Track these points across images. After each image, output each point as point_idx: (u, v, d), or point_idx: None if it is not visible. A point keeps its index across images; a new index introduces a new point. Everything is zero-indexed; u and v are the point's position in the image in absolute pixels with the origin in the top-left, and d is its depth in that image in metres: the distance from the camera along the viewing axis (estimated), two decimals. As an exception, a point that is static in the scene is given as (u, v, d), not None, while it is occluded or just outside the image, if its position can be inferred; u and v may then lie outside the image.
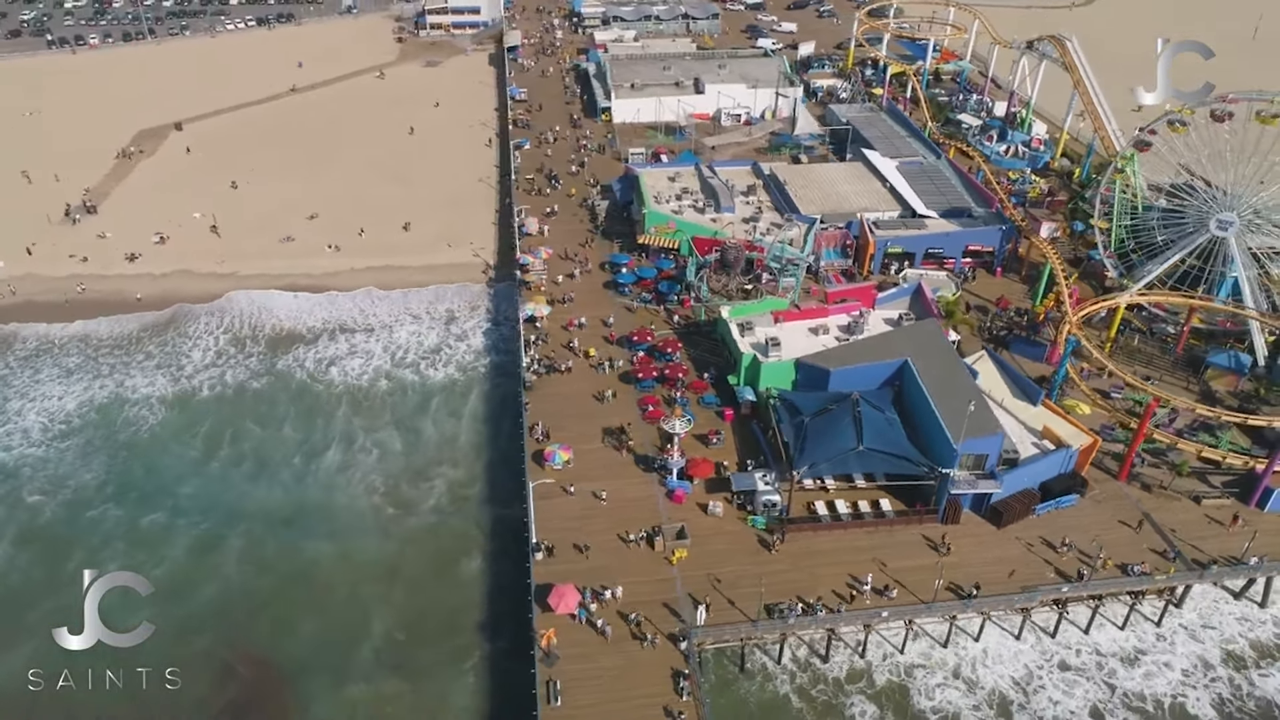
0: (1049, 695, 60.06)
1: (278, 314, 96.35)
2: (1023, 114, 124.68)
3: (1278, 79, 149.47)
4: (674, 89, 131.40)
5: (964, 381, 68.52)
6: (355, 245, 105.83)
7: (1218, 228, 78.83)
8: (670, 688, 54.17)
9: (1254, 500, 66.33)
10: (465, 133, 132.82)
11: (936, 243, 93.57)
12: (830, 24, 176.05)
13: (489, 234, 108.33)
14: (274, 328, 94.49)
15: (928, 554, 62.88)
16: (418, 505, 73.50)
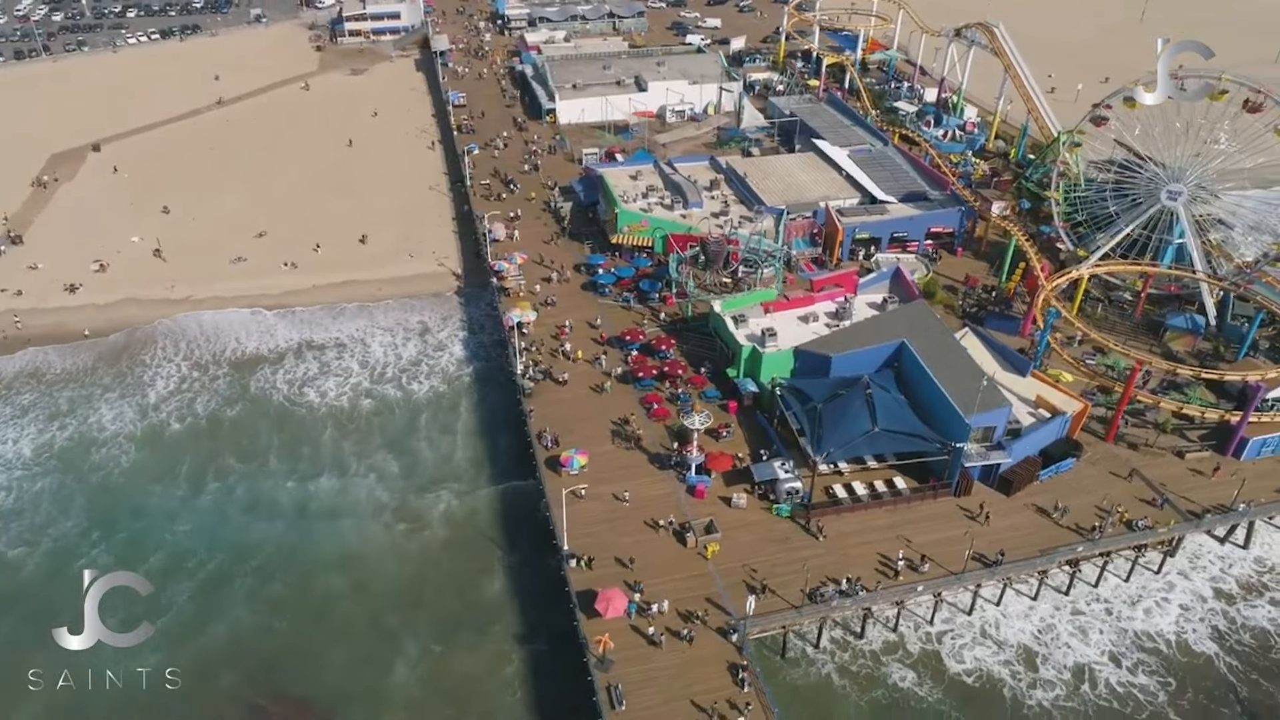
0: (1068, 645, 63.11)
1: (238, 335, 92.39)
2: (954, 99, 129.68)
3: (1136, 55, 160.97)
4: (616, 88, 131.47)
5: (962, 358, 71.08)
6: (312, 261, 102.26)
7: (1168, 198, 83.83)
8: (728, 681, 54.56)
9: (1231, 450, 70.99)
10: (407, 141, 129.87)
11: (901, 227, 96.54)
12: (750, 18, 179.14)
13: (450, 242, 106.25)
14: (236, 350, 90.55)
15: (947, 527, 64.96)
16: (427, 522, 71.67)
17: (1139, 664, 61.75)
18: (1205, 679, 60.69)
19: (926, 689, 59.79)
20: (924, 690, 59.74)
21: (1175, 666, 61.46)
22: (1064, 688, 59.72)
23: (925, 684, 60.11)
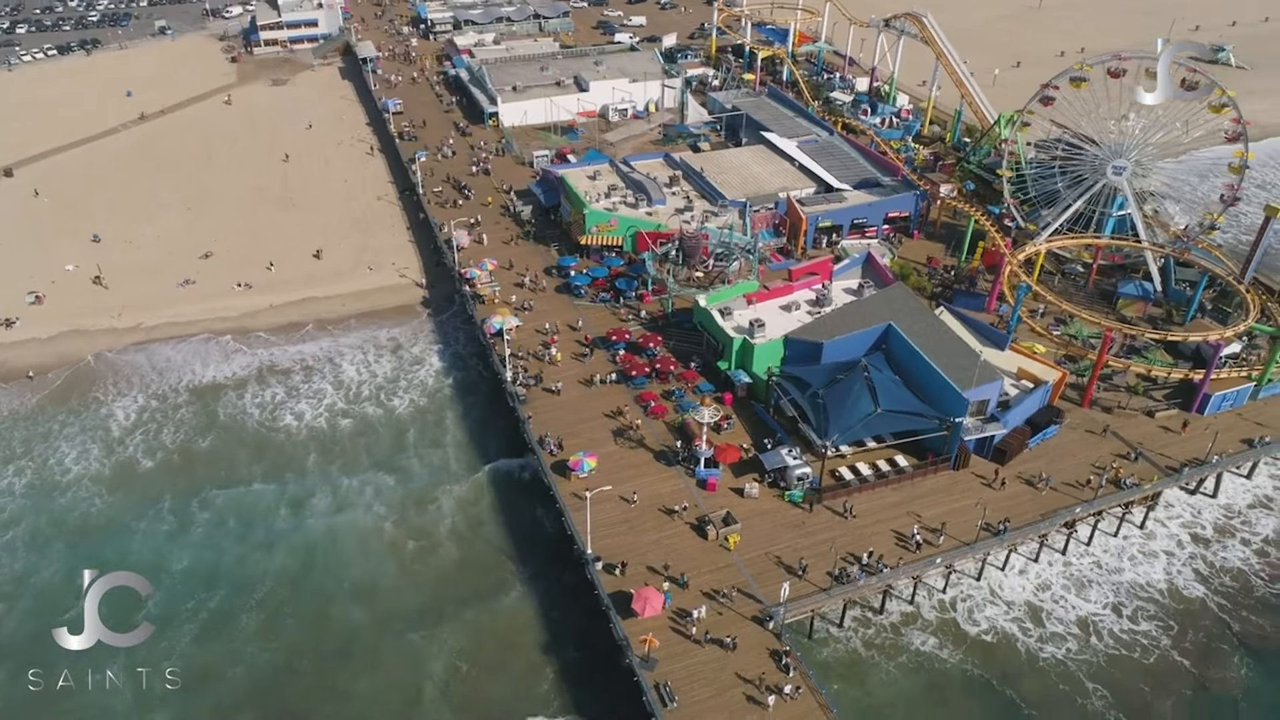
0: (1071, 601, 66.15)
1: (197, 361, 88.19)
2: (885, 88, 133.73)
3: (1061, 43, 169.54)
4: (556, 89, 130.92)
5: (949, 336, 73.68)
6: (267, 280, 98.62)
7: (1113, 173, 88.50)
8: (772, 667, 55.24)
9: (1195, 406, 75.64)
10: (346, 151, 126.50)
11: (860, 213, 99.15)
12: (673, 15, 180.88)
13: (409, 252, 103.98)
14: (197, 378, 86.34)
15: (951, 500, 67.26)
16: (434, 538, 70.14)
17: (1138, 611, 65.22)
18: (1201, 619, 64.51)
19: (948, 651, 61.92)
20: (945, 653, 61.84)
21: (1171, 611, 65.18)
22: (1074, 641, 62.56)
23: (946, 647, 62.25)
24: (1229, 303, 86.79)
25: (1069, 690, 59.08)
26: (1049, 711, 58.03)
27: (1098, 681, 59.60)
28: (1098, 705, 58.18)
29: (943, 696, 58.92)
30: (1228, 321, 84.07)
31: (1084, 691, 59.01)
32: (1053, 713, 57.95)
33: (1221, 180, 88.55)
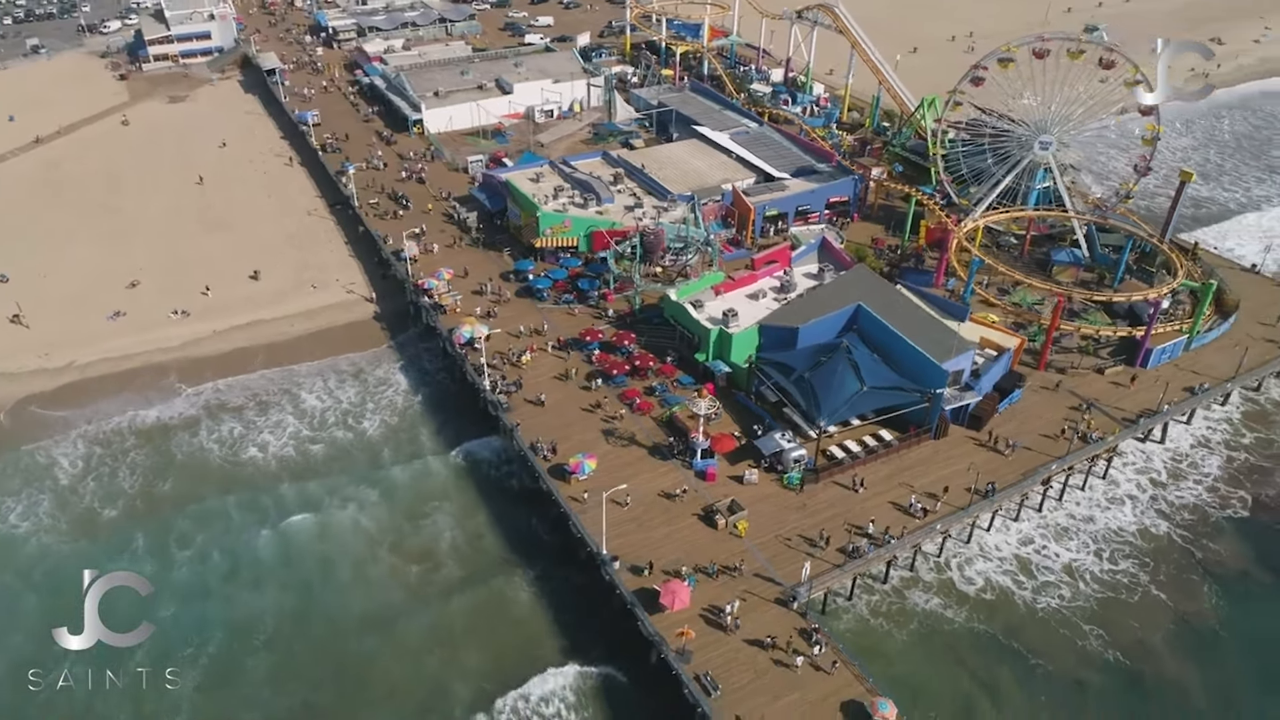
0: (1053, 549, 69.82)
1: (140, 399, 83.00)
2: (802, 78, 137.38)
3: (952, 28, 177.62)
4: (479, 92, 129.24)
5: (916, 311, 76.71)
6: (204, 306, 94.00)
7: (1040, 148, 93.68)
8: (803, 646, 56.54)
9: (1139, 361, 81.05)
10: (265, 167, 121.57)
11: (804, 200, 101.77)
12: (577, 14, 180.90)
13: (352, 267, 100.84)
14: (141, 417, 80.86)
15: (938, 468, 70.15)
16: (434, 556, 68.46)
17: (1115, 552, 69.29)
18: (1170, 554, 69.09)
19: (952, 612, 64.32)
20: (950, 613, 64.21)
21: (1144, 550, 69.50)
22: (1066, 588, 66.06)
23: (950, 607, 64.62)
24: (1151, 263, 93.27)
25: (1068, 635, 62.49)
26: (1053, 657, 61.12)
27: (1092, 623, 63.22)
28: (1096, 646, 61.73)
29: (957, 656, 61.38)
30: (1152, 280, 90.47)
31: (1082, 634, 62.51)
32: (1057, 658, 61.05)
33: (1135, 151, 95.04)
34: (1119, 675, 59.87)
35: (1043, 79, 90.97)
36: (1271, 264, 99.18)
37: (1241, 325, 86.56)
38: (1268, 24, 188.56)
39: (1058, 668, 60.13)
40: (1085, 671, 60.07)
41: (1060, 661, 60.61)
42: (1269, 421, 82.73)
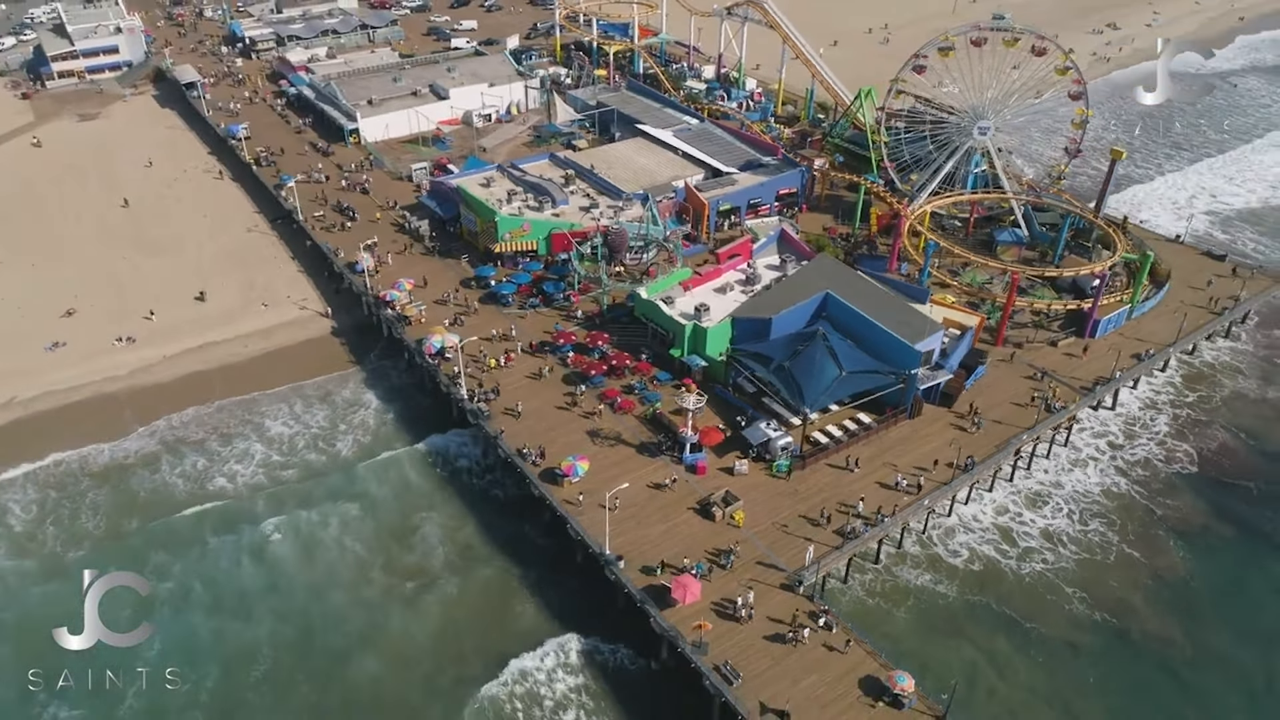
0: (1029, 516, 72.78)
1: (91, 434, 78.58)
2: (735, 74, 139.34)
3: (867, 20, 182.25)
4: (414, 99, 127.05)
5: (884, 296, 78.92)
6: (150, 331, 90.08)
7: (979, 133, 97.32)
8: (813, 629, 57.81)
9: (1088, 332, 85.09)
10: (195, 183, 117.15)
11: (755, 194, 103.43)
12: (500, 17, 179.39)
13: (303, 283, 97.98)
14: (94, 455, 76.71)
15: (917, 445, 72.52)
16: (428, 571, 67.37)
17: (1085, 512, 72.71)
18: (1134, 511, 72.78)
19: (944, 585, 66.46)
20: (943, 587, 66.38)
21: (1110, 509, 72.98)
22: (1047, 553, 69.00)
23: (942, 581, 66.77)
24: (1087, 238, 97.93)
25: (1055, 599, 65.29)
26: (1044, 620, 63.76)
27: (1075, 586, 66.16)
28: (1082, 608, 64.64)
29: (955, 627, 63.47)
30: (1090, 255, 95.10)
31: (1066, 598, 65.38)
32: (1048, 621, 63.73)
33: (1066, 134, 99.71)
34: (1107, 634, 62.88)
35: (980, 66, 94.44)
36: (1188, 236, 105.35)
37: (1174, 293, 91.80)
38: (1156, 9, 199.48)
39: (1050, 631, 62.81)
40: (1076, 633, 62.89)
41: (1052, 625, 63.30)
42: (1206, 380, 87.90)
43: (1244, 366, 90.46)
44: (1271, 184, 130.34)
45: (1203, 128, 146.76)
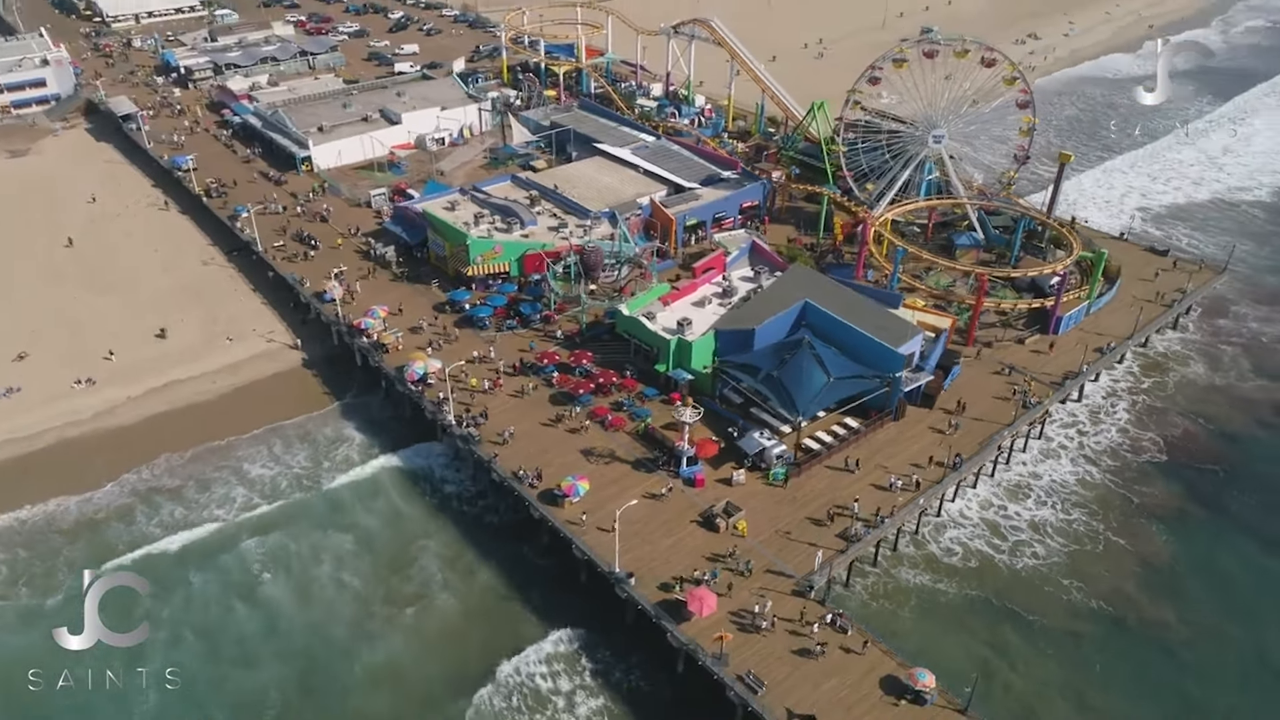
0: (1013, 509, 74.89)
1: (57, 486, 74.68)
2: (683, 91, 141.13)
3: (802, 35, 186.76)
4: (365, 124, 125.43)
5: (861, 302, 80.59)
6: (111, 371, 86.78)
7: (934, 142, 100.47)
8: (830, 633, 58.50)
9: (1052, 329, 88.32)
10: (142, 218, 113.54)
11: (719, 208, 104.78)
12: (439, 40, 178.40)
13: (267, 315, 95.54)
14: (60, 510, 73.04)
15: (903, 446, 74.16)
16: (430, 601, 66.26)
17: (1066, 503, 75.14)
18: (1112, 500, 75.41)
19: (944, 584, 68.00)
20: (942, 585, 67.92)
21: (1088, 498, 75.58)
22: (1038, 545, 70.92)
23: (941, 580, 68.30)
24: (1040, 239, 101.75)
25: (1053, 590, 67.16)
26: (1045, 613, 65.39)
27: (1070, 577, 68.05)
28: (1079, 598, 66.61)
29: (960, 624, 64.80)
30: (1044, 255, 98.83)
31: (1064, 589, 67.27)
32: (1049, 613, 65.39)
33: (1013, 141, 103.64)
34: (1106, 621, 64.93)
35: (933, 76, 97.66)
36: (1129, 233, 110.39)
37: (1124, 288, 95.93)
38: (1071, 19, 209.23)
39: (1052, 622, 64.59)
40: (1077, 622, 64.80)
41: (1053, 616, 65.10)
42: (1160, 369, 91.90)
43: (1193, 355, 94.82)
44: (1194, 180, 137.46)
45: (1127, 130, 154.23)
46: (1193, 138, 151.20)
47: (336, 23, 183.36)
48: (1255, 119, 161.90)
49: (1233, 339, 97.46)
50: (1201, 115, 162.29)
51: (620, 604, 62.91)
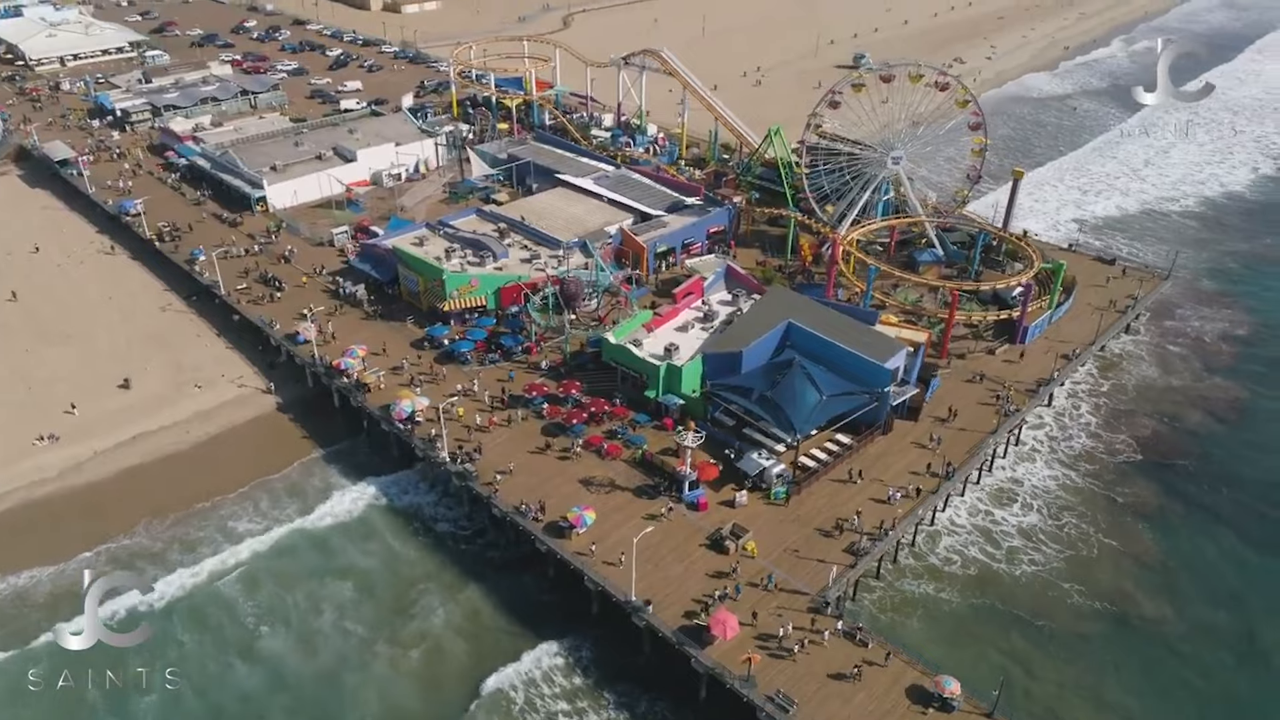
0: (1000, 515, 76.90)
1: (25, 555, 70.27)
2: (636, 121, 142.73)
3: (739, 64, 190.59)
4: (318, 162, 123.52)
5: (843, 320, 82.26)
6: (75, 426, 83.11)
7: (893, 163, 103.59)
8: (851, 646, 59.13)
9: (1019, 338, 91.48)
10: (90, 266, 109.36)
11: (688, 234, 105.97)
12: (382, 77, 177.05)
13: (234, 360, 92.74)
14: (32, 584, 68.64)
15: (894, 459, 75.68)
16: (434, 640, 64.87)
17: (1051, 507, 77.48)
18: (1097, 501, 77.95)
19: (947, 593, 69.37)
20: (946, 594, 69.30)
21: (1073, 502, 77.91)
22: (1035, 551, 72.53)
23: (944, 590, 69.61)
24: (997, 253, 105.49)
25: (1055, 595, 68.87)
26: (1051, 616, 67.00)
27: (1070, 581, 69.85)
28: (1081, 600, 68.45)
29: (969, 632, 65.95)
30: (1003, 269, 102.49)
31: (1065, 592, 69.01)
32: (1054, 616, 67.05)
33: (966, 162, 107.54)
34: (1110, 621, 66.91)
35: (894, 100, 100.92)
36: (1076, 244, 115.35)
37: (1080, 296, 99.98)
38: (993, 44, 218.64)
39: (1059, 625, 66.25)
40: (1082, 624, 66.60)
41: (1059, 619, 66.77)
42: (1117, 370, 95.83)
43: (1146, 356, 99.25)
44: (1122, 192, 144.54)
45: (1054, 144, 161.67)
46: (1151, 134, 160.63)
47: (274, 61, 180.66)
48: (1167, 131, 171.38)
49: (1180, 340, 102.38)
50: (1105, 123, 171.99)
51: (636, 634, 62.59)
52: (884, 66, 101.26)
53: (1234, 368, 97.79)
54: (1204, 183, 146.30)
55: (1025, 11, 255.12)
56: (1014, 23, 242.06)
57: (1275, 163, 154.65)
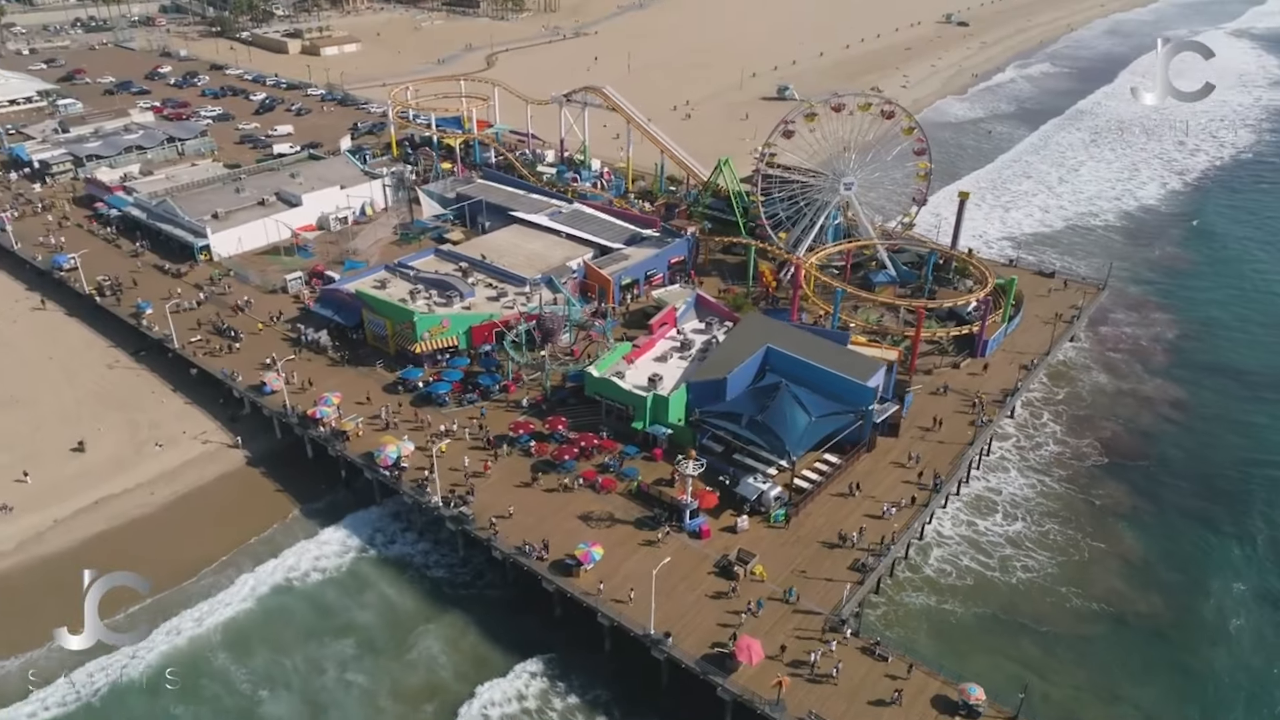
0: (984, 525, 78.89)
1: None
2: (579, 156, 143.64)
3: (670, 98, 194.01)
4: (262, 208, 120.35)
5: (820, 342, 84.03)
6: (30, 494, 78.30)
7: (844, 189, 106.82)
8: (870, 661, 59.89)
9: (979, 351, 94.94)
10: (25, 325, 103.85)
11: (650, 265, 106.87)
12: (313, 120, 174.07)
13: (194, 415, 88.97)
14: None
15: (885, 474, 77.38)
16: (437, 682, 63.20)
17: (1033, 512, 80.00)
18: (1076, 505, 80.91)
19: (949, 604, 70.73)
20: (948, 606, 70.67)
21: (1054, 507, 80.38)
22: (1027, 559, 74.46)
23: (946, 601, 70.92)
24: (947, 272, 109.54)
25: (1054, 599, 70.89)
26: (1054, 621, 68.80)
27: (1067, 585, 71.96)
28: (1079, 603, 70.57)
29: (980, 643, 67.01)
30: (954, 287, 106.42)
31: (1065, 597, 71.12)
32: (1057, 621, 68.90)
33: (912, 186, 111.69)
34: (1109, 621, 69.17)
35: (843, 129, 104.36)
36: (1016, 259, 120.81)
37: (1027, 309, 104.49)
38: (905, 73, 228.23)
39: (1063, 629, 68.17)
40: (1084, 625, 68.70)
41: (1062, 623, 68.72)
42: (1068, 379, 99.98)
43: (1092, 363, 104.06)
44: (1042, 208, 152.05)
45: (976, 165, 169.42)
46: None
47: (196, 107, 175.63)
48: (1080, 152, 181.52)
49: (1120, 346, 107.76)
50: (1016, 144, 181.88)
51: (653, 667, 62.06)
52: (833, 96, 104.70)
53: (1169, 369, 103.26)
54: (1119, 198, 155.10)
55: (929, 43, 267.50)
56: (921, 53, 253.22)
57: (1181, 178, 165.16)
